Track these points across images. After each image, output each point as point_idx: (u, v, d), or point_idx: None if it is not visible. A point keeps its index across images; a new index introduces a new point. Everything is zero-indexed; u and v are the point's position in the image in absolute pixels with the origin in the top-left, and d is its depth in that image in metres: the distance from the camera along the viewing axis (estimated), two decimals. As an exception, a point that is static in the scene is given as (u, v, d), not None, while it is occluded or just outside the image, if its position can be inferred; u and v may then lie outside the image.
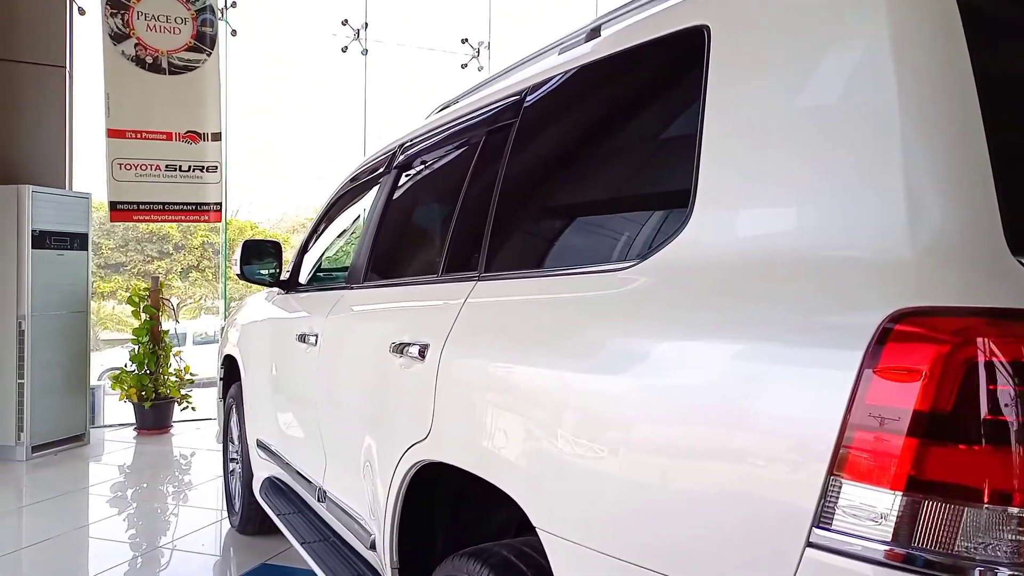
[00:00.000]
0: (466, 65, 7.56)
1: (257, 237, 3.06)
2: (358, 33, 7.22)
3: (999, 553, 0.75)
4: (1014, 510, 0.74)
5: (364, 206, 2.95)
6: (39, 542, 3.71)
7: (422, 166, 2.40)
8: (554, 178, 1.66)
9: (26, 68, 5.82)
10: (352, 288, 2.49)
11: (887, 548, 0.78)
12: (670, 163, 1.31)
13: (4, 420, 5.30)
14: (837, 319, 0.89)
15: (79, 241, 5.69)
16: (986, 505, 0.75)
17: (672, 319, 1.12)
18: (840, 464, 0.82)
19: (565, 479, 1.22)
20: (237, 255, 3.13)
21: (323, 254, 3.27)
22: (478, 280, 1.70)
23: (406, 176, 2.45)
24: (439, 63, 7.64)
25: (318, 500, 2.53)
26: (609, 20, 1.81)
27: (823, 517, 0.83)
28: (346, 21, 7.22)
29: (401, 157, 2.49)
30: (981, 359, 0.76)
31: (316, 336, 2.56)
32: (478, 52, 7.53)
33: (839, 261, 0.94)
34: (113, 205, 6.08)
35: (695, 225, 1.16)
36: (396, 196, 2.45)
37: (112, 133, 6.01)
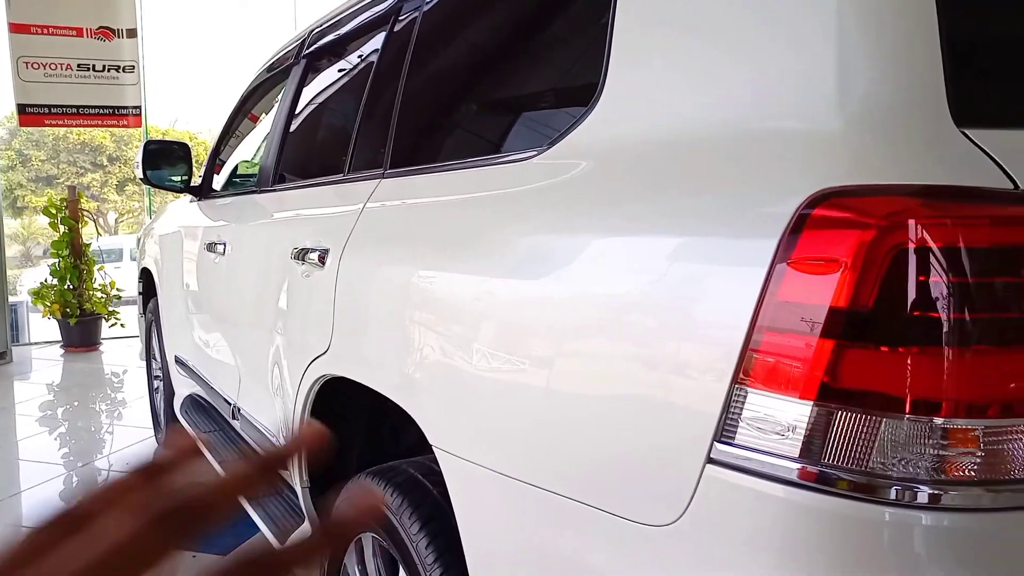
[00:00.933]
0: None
1: (161, 138, 2.80)
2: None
3: (920, 469, 0.65)
4: (939, 421, 0.64)
5: (274, 103, 2.72)
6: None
7: (330, 56, 2.18)
8: (462, 67, 1.50)
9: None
10: (260, 192, 2.30)
11: (794, 464, 0.68)
12: (580, 41, 1.15)
13: (-86, 339, 5.02)
14: (753, 205, 0.76)
15: (-17, 148, 5.27)
16: (908, 416, 0.64)
17: (580, 212, 0.98)
18: (746, 370, 0.71)
19: (460, 394, 1.10)
20: (139, 157, 2.87)
21: (236, 157, 3.04)
22: (382, 179, 1.54)
23: (314, 67, 2.23)
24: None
25: (232, 417, 2.40)
26: None
27: (725, 430, 0.73)
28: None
29: (310, 47, 2.25)
30: (910, 246, 0.64)
31: (224, 244, 2.37)
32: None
33: (760, 137, 0.80)
34: (21, 108, 5.63)
35: (605, 107, 1.01)
36: (304, 89, 2.24)
37: (14, 27, 5.50)
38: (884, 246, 0.64)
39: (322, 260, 1.58)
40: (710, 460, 0.74)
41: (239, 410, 2.34)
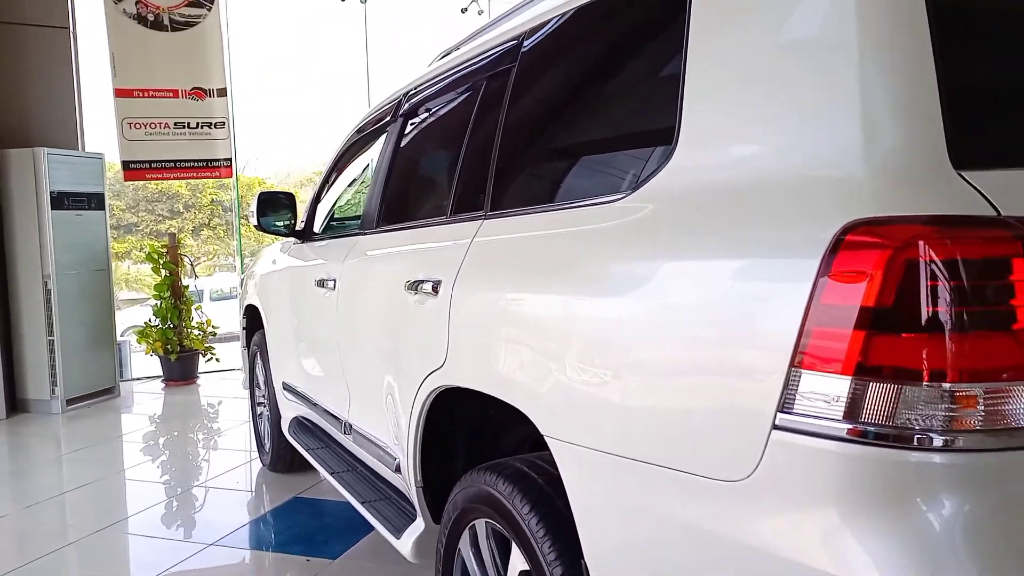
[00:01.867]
0: (466, 9, 7.52)
1: (271, 189, 3.18)
2: (357, -19, 7.18)
3: (934, 423, 0.88)
4: (946, 386, 0.87)
5: (372, 155, 3.06)
6: (80, 486, 3.94)
7: (427, 113, 2.49)
8: (551, 119, 1.77)
9: (30, 30, 5.87)
10: (365, 234, 2.62)
11: (840, 424, 0.92)
12: (657, 100, 1.41)
13: (38, 375, 5.53)
14: (801, 233, 1.01)
15: (96, 201, 5.82)
16: (925, 383, 0.88)
17: (661, 243, 1.24)
18: (800, 357, 0.95)
19: (569, 391, 1.36)
20: (253, 207, 3.25)
21: (335, 203, 3.39)
22: (484, 219, 1.82)
23: (412, 123, 2.55)
24: (439, 8, 7.59)
25: (344, 433, 2.70)
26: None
27: (786, 403, 0.97)
28: (344, -31, 7.17)
29: (406, 105, 2.58)
30: (920, 259, 0.88)
31: (334, 281, 2.69)
32: (478, -5, 7.49)
33: (804, 181, 1.05)
34: (126, 164, 6.19)
35: (679, 156, 1.27)
36: (403, 143, 2.56)
37: (119, 92, 6.09)
38: (900, 260, 0.88)
39: (435, 289, 1.86)
40: (775, 427, 0.98)
41: (351, 426, 2.63)
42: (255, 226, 3.28)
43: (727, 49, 1.24)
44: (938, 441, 0.88)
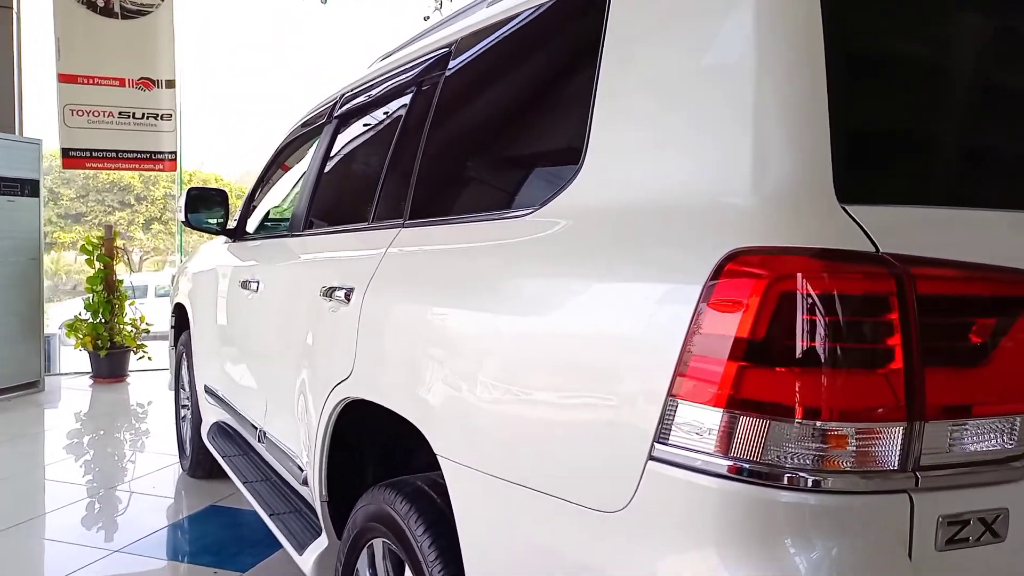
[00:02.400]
0: (428, 17, 7.48)
1: (203, 185, 3.08)
2: (318, -19, 7.10)
3: (804, 462, 0.85)
4: (817, 424, 0.84)
5: (307, 156, 2.99)
6: (-14, 484, 3.75)
7: (360, 115, 2.44)
8: (472, 129, 1.73)
9: (-29, 8, 5.67)
10: (293, 236, 2.55)
11: (712, 459, 0.88)
12: (568, 117, 1.38)
13: (-45, 366, 5.29)
14: (687, 259, 0.98)
15: (30, 187, 5.62)
16: (795, 420, 0.85)
17: (557, 261, 1.21)
18: (677, 386, 0.92)
19: (460, 410, 1.31)
20: (181, 202, 3.15)
21: (269, 203, 3.30)
22: (403, 227, 1.77)
23: (345, 125, 2.49)
24: (400, 14, 7.55)
25: (258, 440, 2.61)
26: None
27: (662, 434, 0.93)
28: (306, -32, 7.09)
29: (342, 106, 2.52)
30: (798, 291, 0.85)
31: (258, 282, 2.61)
32: (441, 4, 7.47)
33: (701, 206, 1.02)
34: (65, 152, 5.99)
35: (586, 174, 1.24)
36: (335, 145, 2.50)
37: (63, 78, 5.90)
38: (775, 291, 0.85)
39: (348, 297, 1.80)
40: (651, 458, 0.95)
41: (265, 434, 2.55)
42: (183, 221, 3.18)
43: (637, 71, 1.21)
44: (808, 481, 0.85)
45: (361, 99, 2.41)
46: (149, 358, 6.35)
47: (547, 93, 1.50)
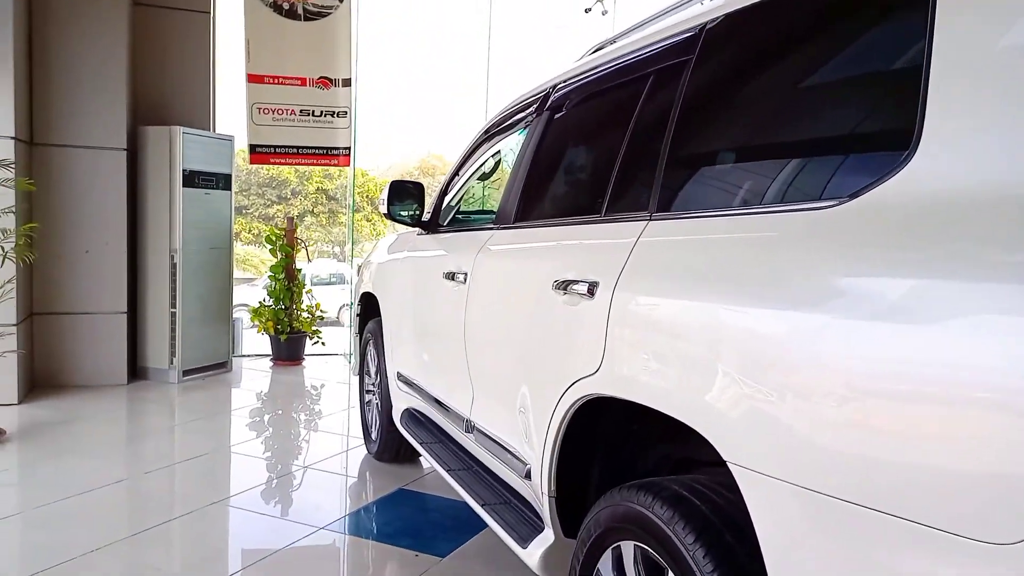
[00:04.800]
0: (590, 9, 7.41)
1: (403, 179, 3.17)
2: (483, -23, 7.19)
3: None
4: None
5: (509, 148, 2.99)
6: (192, 458, 4.04)
7: (579, 106, 2.39)
8: (740, 115, 1.63)
9: (174, 14, 6.12)
10: (502, 228, 2.54)
11: None
12: (886, 96, 1.26)
13: (159, 345, 5.76)
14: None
15: (223, 181, 6.02)
16: None
17: (897, 258, 1.09)
18: None
19: (764, 415, 1.22)
20: (384, 195, 3.24)
21: (463, 196, 3.34)
22: (649, 220, 1.70)
23: (561, 117, 2.45)
24: (563, 8, 7.51)
25: (465, 431, 2.63)
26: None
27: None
28: (471, -35, 7.18)
29: (555, 97, 2.49)
30: None
31: (465, 274, 2.63)
32: (604, -5, 7.37)
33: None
34: (252, 148, 6.38)
35: (920, 163, 1.11)
36: (549, 137, 2.46)
37: (252, 78, 6.28)
38: None
39: (591, 291, 1.75)
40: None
41: (473, 424, 2.56)
42: (384, 214, 3.27)
43: (982, 38, 1.08)
44: None
45: (580, 89, 2.36)
46: (323, 343, 6.67)
47: (850, 69, 1.38)
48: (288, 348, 6.48)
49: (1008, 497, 0.87)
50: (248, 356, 7.01)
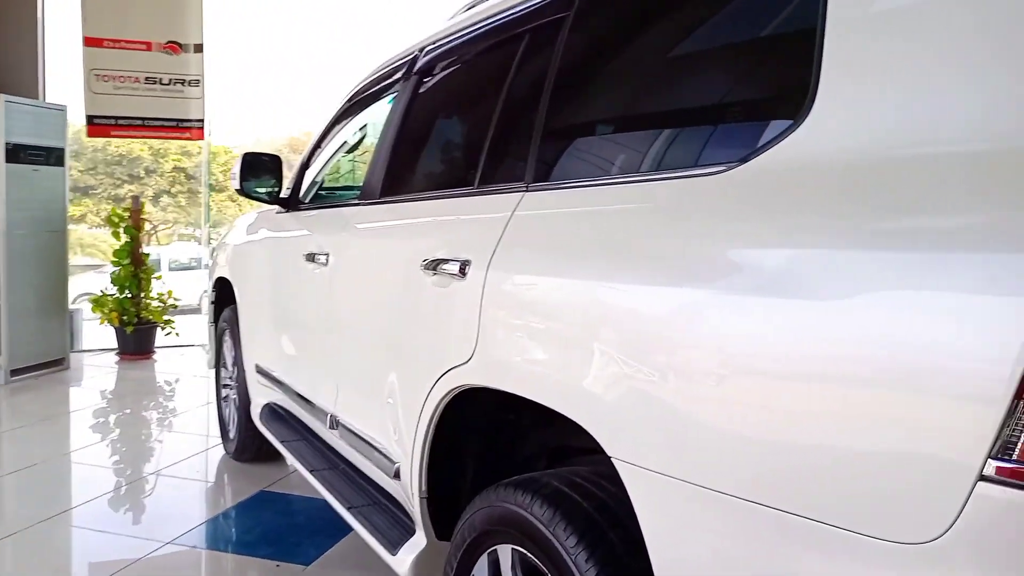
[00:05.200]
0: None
1: (257, 151, 2.86)
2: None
3: None
4: None
5: (375, 118, 2.76)
6: (21, 469, 3.57)
7: (449, 70, 2.20)
8: (621, 77, 1.49)
9: (-8, -33, 5.41)
10: (367, 204, 2.32)
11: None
12: (778, 56, 1.15)
13: (-20, 341, 5.10)
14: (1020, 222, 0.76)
15: (56, 156, 5.39)
16: None
17: (792, 226, 0.98)
18: None
19: (650, 405, 1.09)
20: (236, 169, 2.92)
21: (327, 170, 3.08)
22: (526, 191, 1.55)
23: (429, 82, 2.26)
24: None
25: (329, 427, 2.41)
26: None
27: (1004, 447, 0.72)
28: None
29: (423, 61, 2.29)
30: None
31: (327, 255, 2.40)
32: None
33: (1011, 152, 0.80)
34: (90, 119, 5.76)
35: (813, 125, 1.01)
36: (417, 104, 2.26)
37: (88, 41, 5.65)
38: None
39: (463, 271, 1.58)
40: (982, 477, 0.73)
41: (338, 420, 2.34)
42: (237, 190, 2.96)
43: None
44: None
45: (450, 52, 2.17)
46: (176, 334, 6.16)
47: (740, 27, 1.26)
48: (136, 341, 5.92)
49: (918, 488, 0.78)
50: (91, 351, 6.37)
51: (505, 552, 1.46)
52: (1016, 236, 0.76)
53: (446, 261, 1.66)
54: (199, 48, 5.90)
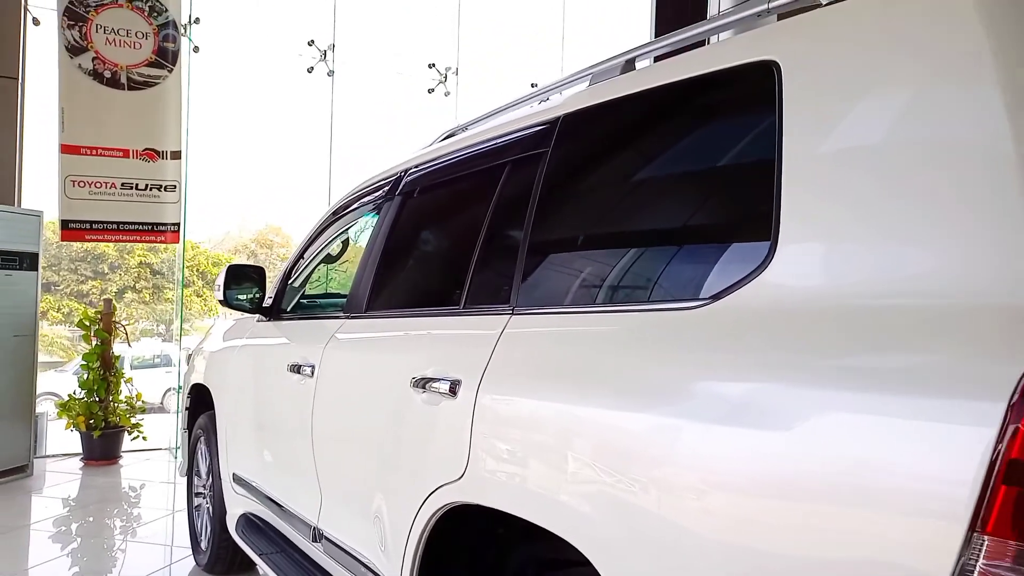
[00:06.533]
0: (433, 90, 7.52)
1: (242, 263, 2.93)
2: (324, 54, 7.12)
3: None
4: None
5: (358, 232, 2.87)
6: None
7: (433, 193, 2.33)
8: (600, 210, 1.62)
9: (-25, 78, 5.54)
10: (352, 317, 2.40)
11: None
12: (741, 198, 1.28)
13: (-60, 451, 4.95)
14: (967, 370, 0.86)
15: (28, 261, 5.40)
16: None
17: (762, 363, 1.08)
18: (983, 521, 0.79)
19: (631, 522, 1.16)
20: (221, 279, 2.99)
21: (309, 280, 3.16)
22: (512, 314, 1.64)
23: (413, 203, 2.38)
24: (406, 87, 7.59)
25: (313, 540, 2.40)
26: (643, 54, 1.80)
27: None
28: (312, 42, 7.11)
29: (407, 182, 2.42)
30: None
31: (312, 367, 2.45)
32: (445, 77, 7.51)
33: (956, 309, 0.91)
34: (65, 224, 5.80)
35: (779, 265, 1.13)
36: (402, 223, 2.37)
37: (66, 149, 5.76)
38: None
39: (453, 390, 1.65)
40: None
41: (321, 533, 2.34)
42: (221, 300, 3.01)
43: (837, 145, 1.12)
44: None
45: (434, 175, 2.30)
46: (144, 438, 6.03)
47: (702, 174, 1.40)
48: (103, 446, 5.79)
49: None
50: (54, 456, 6.19)
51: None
52: (960, 380, 0.86)
53: (436, 380, 1.73)
54: (177, 155, 6.05)
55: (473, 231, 1.91)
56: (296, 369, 2.56)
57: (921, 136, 1.03)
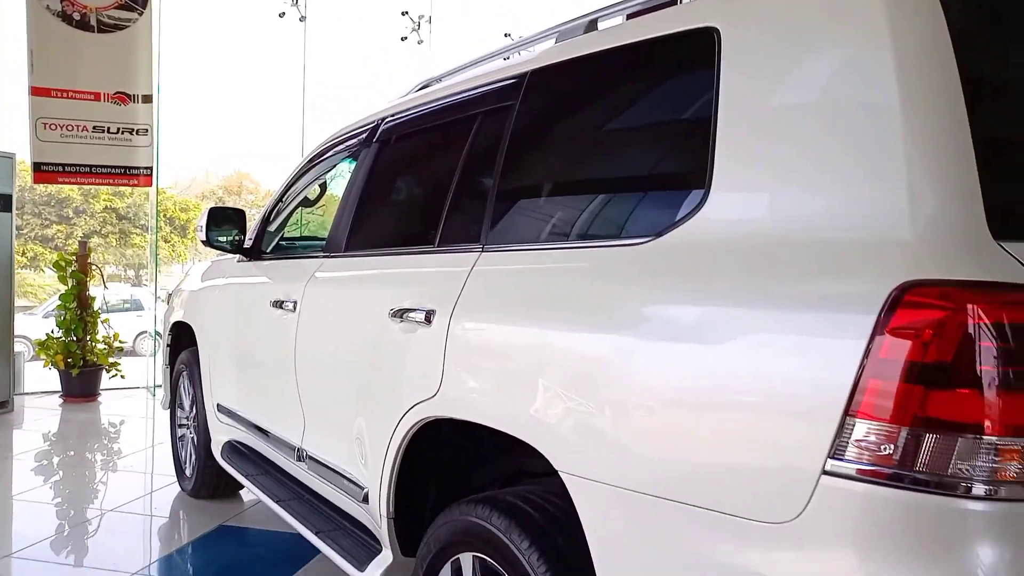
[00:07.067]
0: (405, 38, 7.55)
1: (223, 205, 3.06)
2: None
3: (980, 474, 0.95)
4: (992, 439, 0.95)
5: (335, 177, 3.02)
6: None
7: (409, 140, 2.49)
8: (562, 158, 1.80)
9: (-61, 15, 5.48)
10: (332, 257, 2.56)
11: (892, 471, 0.98)
12: (683, 148, 1.48)
13: (-79, 387, 5.06)
14: (849, 289, 1.08)
15: (2, 202, 5.44)
16: (973, 436, 0.95)
17: (694, 289, 1.29)
18: (854, 407, 1.01)
19: (593, 429, 1.37)
20: (203, 221, 3.13)
21: (288, 223, 3.31)
22: (482, 252, 1.83)
23: (390, 149, 2.53)
24: (378, 35, 7.59)
25: (297, 460, 2.61)
26: (604, 15, 1.96)
27: (837, 450, 1.02)
28: (284, -14, 7.07)
29: (384, 130, 2.56)
30: (971, 322, 0.96)
31: (295, 302, 2.62)
32: (418, 26, 7.53)
33: (848, 242, 1.12)
34: (37, 166, 5.82)
35: (710, 208, 1.33)
36: (380, 168, 2.53)
37: (36, 91, 5.74)
38: (955, 321, 0.96)
39: (428, 319, 1.85)
40: (825, 472, 1.03)
41: (305, 453, 2.55)
42: (203, 240, 3.16)
43: (760, 105, 1.32)
44: (981, 490, 0.95)
45: (410, 123, 2.45)
46: (122, 376, 6.18)
47: (652, 127, 1.59)
48: (81, 383, 5.93)
49: (782, 482, 1.08)
50: (33, 393, 6.32)
51: (467, 560, 1.71)
52: (840, 300, 1.08)
53: (413, 310, 1.92)
54: (148, 99, 6.05)
55: (446, 176, 2.08)
56: (279, 304, 2.73)
57: (829, 95, 1.23)
